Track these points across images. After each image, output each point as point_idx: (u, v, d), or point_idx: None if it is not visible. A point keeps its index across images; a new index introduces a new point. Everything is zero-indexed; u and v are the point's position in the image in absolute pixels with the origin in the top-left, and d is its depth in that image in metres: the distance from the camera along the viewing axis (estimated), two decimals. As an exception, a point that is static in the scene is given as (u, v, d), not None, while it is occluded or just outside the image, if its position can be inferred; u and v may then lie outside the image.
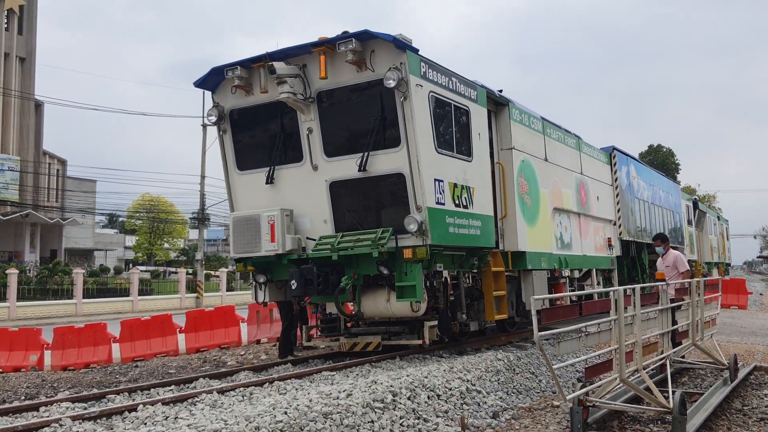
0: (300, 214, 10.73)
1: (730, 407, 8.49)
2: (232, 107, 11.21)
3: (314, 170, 10.60)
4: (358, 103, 10.39)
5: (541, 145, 13.59)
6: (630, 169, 19.31)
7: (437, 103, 10.28)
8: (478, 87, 11.65)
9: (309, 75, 10.36)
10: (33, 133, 50.49)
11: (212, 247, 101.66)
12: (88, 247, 62.08)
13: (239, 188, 11.45)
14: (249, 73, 10.81)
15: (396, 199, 10.08)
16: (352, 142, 10.45)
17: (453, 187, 10.44)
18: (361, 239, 9.95)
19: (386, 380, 8.35)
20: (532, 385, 10.02)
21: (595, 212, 16.08)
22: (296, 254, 10.67)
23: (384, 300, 10.40)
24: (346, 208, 10.50)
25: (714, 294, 11.20)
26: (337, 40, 9.85)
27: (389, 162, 9.99)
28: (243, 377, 10.29)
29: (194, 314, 16.31)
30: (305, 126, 10.56)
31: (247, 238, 10.72)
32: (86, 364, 14.24)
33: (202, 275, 42.64)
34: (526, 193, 12.60)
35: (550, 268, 13.40)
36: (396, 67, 9.59)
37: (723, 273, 37.19)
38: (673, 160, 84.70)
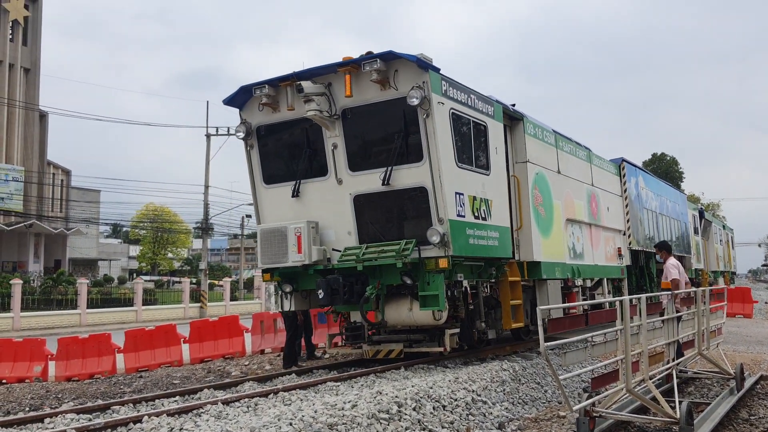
0: (325, 226, 11.09)
1: (737, 417, 8.44)
2: (259, 124, 11.64)
3: (339, 184, 10.98)
4: (381, 120, 10.76)
5: (554, 158, 13.91)
6: (638, 179, 19.65)
7: (457, 120, 10.65)
8: (494, 103, 11.98)
9: (334, 93, 10.78)
10: (37, 144, 50.64)
11: (216, 256, 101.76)
12: (92, 257, 62.16)
13: (266, 201, 11.80)
14: (276, 91, 11.23)
15: (418, 211, 10.44)
16: (375, 157, 10.82)
17: (472, 200, 10.80)
18: (385, 250, 10.32)
19: (391, 391, 8.32)
20: (538, 396, 9.98)
21: (605, 223, 16.44)
22: (322, 265, 10.99)
23: (407, 309, 10.73)
24: (370, 220, 10.88)
25: (720, 303, 11.16)
26: (362, 60, 10.25)
27: (412, 176, 10.35)
28: (248, 388, 10.27)
29: (198, 324, 16.31)
30: (330, 141, 10.96)
31: (275, 249, 11.04)
32: (90, 375, 14.22)
33: (205, 285, 42.63)
34: (541, 205, 12.93)
35: (563, 278, 13.68)
36: (419, 86, 9.98)
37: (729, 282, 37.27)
38: (677, 168, 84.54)
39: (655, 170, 79.71)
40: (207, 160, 42.14)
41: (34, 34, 51.26)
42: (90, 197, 56.27)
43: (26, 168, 49.18)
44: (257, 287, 47.23)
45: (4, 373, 14.67)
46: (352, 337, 11.92)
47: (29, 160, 49.72)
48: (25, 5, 50.38)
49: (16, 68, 49.47)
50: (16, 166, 48.75)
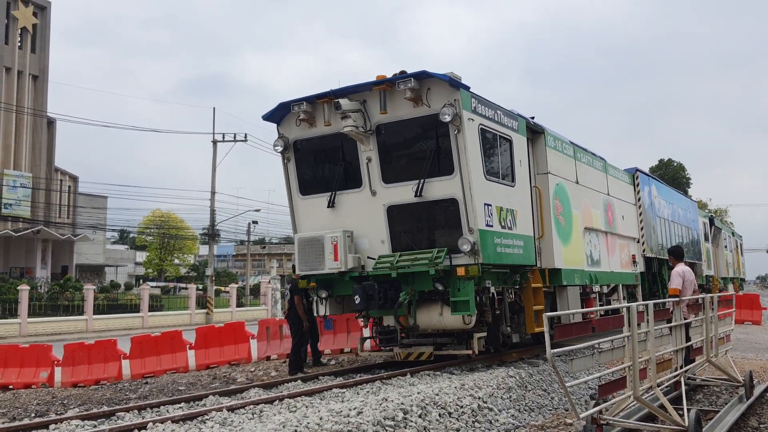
0: (359, 235, 11.62)
1: (746, 425, 8.35)
2: (296, 138, 12.18)
3: (373, 195, 11.52)
4: (414, 135, 11.33)
5: (572, 169, 14.44)
6: (651, 188, 20.08)
7: (485, 135, 11.20)
8: (518, 117, 12.51)
9: (369, 109, 11.35)
10: (45, 150, 50.87)
11: (222, 262, 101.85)
12: (99, 263, 62.33)
13: (302, 211, 12.35)
14: (313, 108, 11.78)
15: (449, 221, 10.93)
16: (407, 170, 11.30)
17: (499, 210, 11.31)
18: (418, 258, 10.83)
19: (397, 398, 8.29)
20: (545, 403, 9.92)
21: (620, 231, 16.94)
22: (357, 272, 11.52)
23: (437, 313, 11.21)
24: (402, 229, 11.39)
25: (728, 310, 11.08)
26: (397, 79, 10.83)
27: (443, 188, 10.88)
28: (253, 394, 10.25)
29: (204, 330, 16.30)
30: (365, 155, 11.51)
31: (312, 256, 11.59)
32: (96, 381, 14.23)
33: (212, 291, 42.68)
34: (561, 214, 13.43)
35: (582, 284, 14.12)
36: (451, 104, 10.51)
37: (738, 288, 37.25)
38: (684, 174, 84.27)
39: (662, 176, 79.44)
40: (213, 166, 42.24)
41: (43, 42, 51.55)
42: (97, 203, 56.46)
43: (34, 174, 49.39)
44: (263, 293, 47.23)
45: (11, 378, 14.69)
46: (386, 341, 12.29)
47: (37, 167, 49.95)
48: (33, 13, 50.70)
49: (25, 75, 49.75)
50: (24, 172, 48.97)
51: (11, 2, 49.18)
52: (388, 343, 12.29)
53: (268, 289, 46.40)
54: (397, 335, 12.09)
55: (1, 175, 46.92)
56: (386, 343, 12.32)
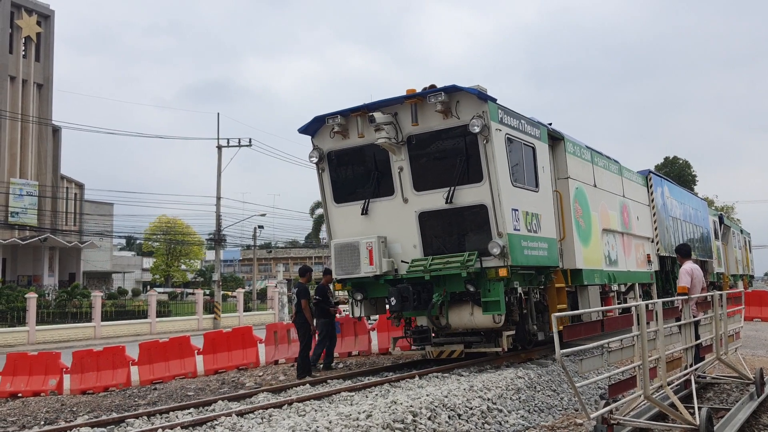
0: (392, 240, 12.14)
1: (758, 423, 8.30)
2: (330, 149, 12.69)
3: (405, 203, 12.04)
4: (444, 145, 11.82)
5: (590, 173, 14.96)
6: (664, 189, 20.65)
7: (511, 143, 11.71)
8: (540, 126, 13.00)
9: (400, 121, 11.90)
10: (51, 158, 51.06)
11: (229, 267, 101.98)
12: (106, 269, 62.49)
13: (336, 218, 12.90)
14: (346, 121, 12.32)
15: (478, 226, 11.41)
16: (438, 178, 11.76)
17: (525, 215, 11.82)
18: (450, 261, 11.30)
19: (406, 400, 8.27)
20: (554, 403, 9.88)
21: (636, 231, 17.46)
22: (391, 275, 12.03)
23: (468, 313, 11.69)
24: (433, 234, 11.90)
25: (737, 307, 11.02)
26: (427, 93, 11.35)
27: (473, 195, 11.39)
28: (262, 399, 10.23)
29: (212, 335, 16.31)
30: (396, 165, 12.05)
31: (348, 261, 12.11)
32: (105, 388, 14.25)
33: (219, 296, 42.72)
34: (581, 217, 13.95)
35: (601, 284, 14.61)
36: (479, 115, 11.04)
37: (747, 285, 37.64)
38: (690, 171, 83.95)
39: (668, 174, 79.18)
40: (218, 171, 42.34)
41: (47, 50, 51.77)
42: (103, 210, 56.65)
43: (40, 182, 49.57)
44: (270, 298, 47.25)
45: (20, 386, 14.73)
46: (419, 340, 12.65)
47: (43, 175, 50.13)
48: (37, 22, 50.93)
49: (30, 84, 49.97)
50: (30, 180, 49.15)
51: (15, 11, 49.40)
52: (421, 342, 12.66)
53: (275, 293, 46.40)
54: (430, 334, 12.45)
55: (7, 183, 47.09)
56: (420, 342, 12.68)
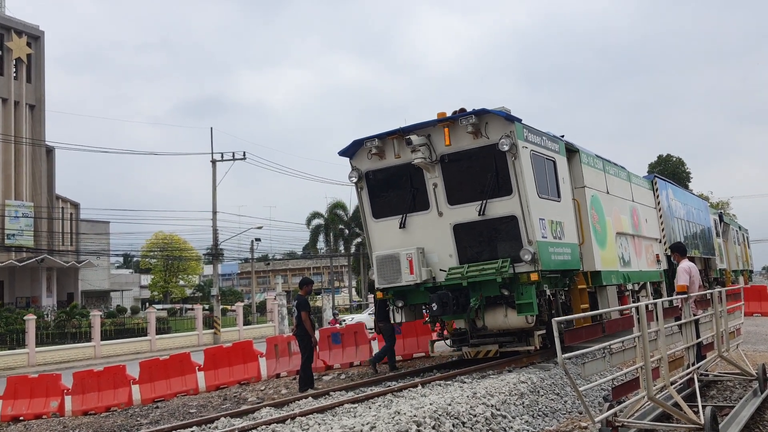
0: (429, 250, 12.99)
1: (763, 419, 8.29)
2: (368, 169, 13.64)
3: (440, 216, 12.92)
4: (475, 163, 12.67)
5: (603, 181, 15.98)
6: (668, 192, 21.78)
7: (535, 159, 12.66)
8: (559, 141, 14.01)
9: (433, 142, 12.83)
10: (45, 179, 50.96)
11: (227, 281, 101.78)
12: (105, 288, 62.25)
13: (375, 232, 13.78)
14: (383, 143, 13.26)
15: (510, 235, 12.33)
16: (470, 192, 12.67)
17: (551, 223, 12.79)
18: (485, 268, 12.17)
19: (409, 410, 8.23)
20: (558, 407, 9.85)
21: (645, 233, 18.49)
22: (429, 283, 12.85)
23: (502, 315, 12.55)
24: (467, 244, 12.77)
25: (737, 303, 11.02)
26: (459, 117, 12.38)
27: (503, 207, 12.33)
28: (264, 414, 10.18)
29: (212, 351, 16.26)
30: (431, 182, 12.96)
31: (390, 271, 12.93)
32: (107, 408, 14.19)
33: (218, 311, 42.63)
34: (597, 222, 14.89)
35: (618, 283, 15.59)
36: (507, 135, 12.02)
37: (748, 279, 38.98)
38: (684, 169, 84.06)
39: (662, 172, 79.18)
40: (214, 185, 42.32)
41: (38, 71, 51.75)
42: (99, 229, 56.46)
43: (35, 203, 49.46)
44: (270, 310, 47.16)
45: (21, 410, 14.66)
46: (458, 341, 13.56)
47: (38, 196, 50.02)
48: (27, 43, 50.92)
49: (22, 105, 49.90)
50: (25, 202, 49.03)
51: (5, 33, 49.39)
52: (460, 343, 13.58)
53: (275, 305, 46.33)
54: (468, 336, 13.28)
55: (2, 205, 46.98)
56: (458, 343, 13.61)
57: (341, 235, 65.47)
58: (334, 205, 64.34)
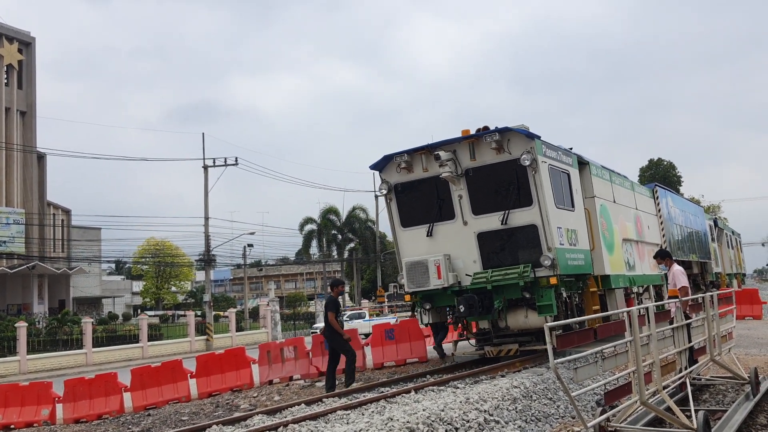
0: (454, 257, 13.84)
1: (755, 423, 8.31)
2: (396, 182, 14.52)
3: (464, 225, 13.80)
4: (497, 176, 13.51)
5: (610, 191, 17.02)
6: (668, 200, 22.94)
7: (553, 172, 13.59)
8: (572, 155, 15.02)
9: (459, 157, 13.74)
10: (36, 185, 50.79)
11: (220, 287, 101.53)
12: (96, 295, 62.03)
13: (404, 240, 14.64)
14: (411, 158, 14.17)
15: (530, 243, 13.18)
16: (493, 203, 13.55)
17: (567, 231, 13.71)
18: (508, 273, 13.03)
19: (402, 416, 8.21)
20: (551, 412, 9.84)
21: (648, 239, 19.56)
22: (456, 287, 13.64)
23: (523, 316, 13.39)
24: (491, 251, 13.60)
25: (729, 307, 11.05)
26: (483, 134, 13.32)
27: (524, 217, 13.21)
28: (257, 421, 10.13)
29: (204, 358, 16.18)
30: (456, 193, 13.86)
31: (419, 276, 13.78)
32: (98, 415, 14.11)
33: (210, 317, 42.48)
34: (606, 230, 15.86)
35: (625, 287, 16.46)
36: (528, 151, 12.92)
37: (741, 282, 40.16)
38: (675, 173, 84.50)
39: (653, 176, 79.58)
40: (206, 191, 42.23)
41: (29, 78, 51.64)
42: (91, 235, 56.26)
43: (26, 210, 49.28)
44: (263, 316, 47.04)
45: (12, 418, 14.56)
46: (482, 341, 14.59)
47: (29, 202, 49.84)
48: (18, 49, 50.82)
49: (13, 111, 49.77)
50: (17, 208, 48.85)
51: (-5, 40, 49.25)
52: (484, 342, 14.50)
53: (267, 311, 46.21)
54: (492, 336, 14.19)
55: (-7, 212, 46.76)
56: (482, 342, 14.57)
57: (334, 240, 65.35)
58: (327, 210, 64.23)
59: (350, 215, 64.67)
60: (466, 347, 16.25)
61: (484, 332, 14.47)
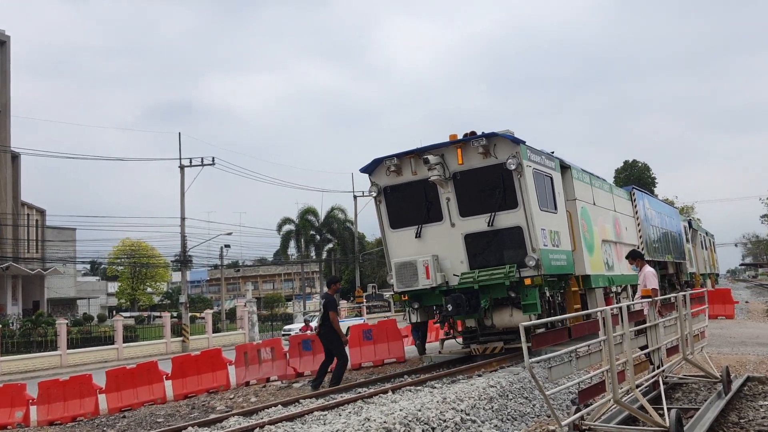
0: (442, 257, 14.21)
1: (727, 421, 8.42)
2: (386, 185, 14.86)
3: (452, 226, 14.16)
4: (484, 180, 13.86)
5: (590, 194, 17.46)
6: (644, 202, 23.50)
7: (537, 176, 14.01)
8: (554, 159, 15.45)
9: (447, 161, 14.10)
10: (11, 185, 50.05)
11: (196, 288, 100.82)
12: (71, 296, 61.33)
13: (393, 241, 15.00)
14: (400, 161, 14.51)
15: (515, 244, 13.60)
16: (480, 206, 13.91)
17: (550, 233, 14.10)
18: (494, 273, 13.44)
19: (379, 416, 8.23)
20: (527, 411, 9.92)
21: (625, 240, 20.10)
22: (444, 286, 13.99)
23: (508, 315, 13.75)
24: (477, 251, 13.98)
25: (701, 306, 11.20)
26: (470, 139, 13.67)
27: (510, 219, 13.62)
28: (233, 423, 10.10)
29: (180, 359, 16.08)
30: (444, 196, 14.21)
31: (408, 276, 14.14)
32: (73, 418, 13.97)
33: (187, 318, 42.17)
34: (586, 231, 16.30)
35: (604, 286, 16.95)
36: (514, 155, 13.33)
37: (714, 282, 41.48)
38: (649, 174, 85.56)
39: (628, 177, 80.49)
40: (182, 191, 41.95)
41: (3, 76, 50.88)
42: (65, 236, 55.60)
43: (0, 210, 48.54)
44: (240, 317, 46.79)
45: (-16, 421, 14.35)
46: (468, 338, 14.98)
47: (3, 202, 49.12)
48: (-9, 47, 50.05)
49: (-15, 111, 49.00)
50: (-11, 208, 48.10)
51: (-32, 38, 48.51)
52: (470, 340, 14.89)
53: (245, 312, 45.99)
54: (478, 333, 14.56)
55: (-35, 212, 46.04)
56: (469, 341, 14.94)
57: (312, 240, 65.19)
58: (305, 210, 64.06)
59: (329, 216, 64.58)
60: (453, 345, 16.36)
61: (470, 330, 14.84)
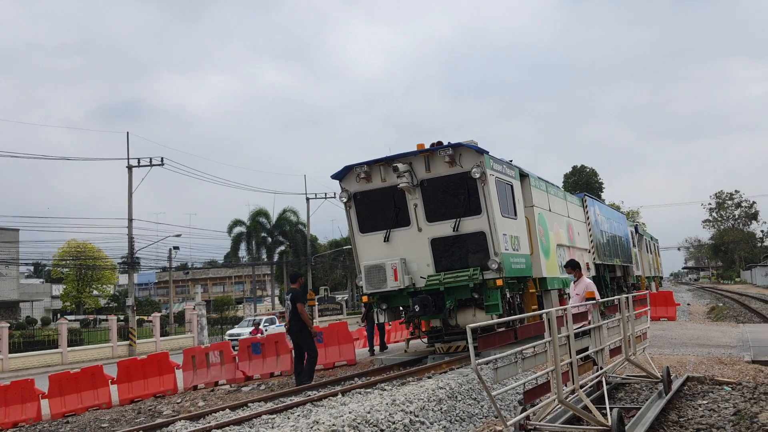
0: (409, 260, 14.89)
1: (667, 420, 8.67)
2: (356, 191, 15.45)
3: (419, 231, 14.85)
4: (450, 187, 14.63)
5: (546, 201, 18.33)
6: (595, 208, 24.68)
7: (499, 184, 14.77)
8: (514, 168, 16.34)
9: (415, 169, 14.80)
10: (-52, 184, 48.44)
11: (144, 291, 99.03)
12: (13, 298, 59.54)
13: (362, 245, 15.56)
14: (370, 168, 15.14)
15: (479, 248, 14.35)
16: (446, 211, 14.65)
17: (511, 238, 14.88)
18: (459, 276, 14.21)
19: (328, 419, 8.23)
20: (475, 412, 10.02)
21: (578, 244, 21.14)
22: (411, 288, 14.68)
23: (471, 315, 14.52)
24: (443, 255, 14.69)
25: (644, 308, 11.50)
26: (437, 149, 14.44)
27: (474, 224, 14.40)
28: (179, 427, 9.96)
29: (126, 363, 15.79)
30: (412, 202, 14.92)
31: (376, 278, 14.73)
32: (14, 423, 13.62)
33: (134, 321, 41.38)
34: (543, 236, 17.13)
35: (559, 288, 17.76)
36: (478, 165, 14.12)
37: (659, 285, 42.94)
38: (597, 179, 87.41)
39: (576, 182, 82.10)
40: (130, 192, 41.16)
41: (-59, 71, 49.25)
42: (8, 237, 53.96)
43: (-63, 210, 46.93)
44: (189, 320, 46.12)
45: None
46: (434, 338, 15.67)
47: (-60, 202, 47.51)
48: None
49: None
50: (-74, 208, 46.49)
51: None
52: (435, 339, 15.57)
53: (194, 315, 45.35)
54: (443, 333, 15.21)
55: None
56: (434, 339, 15.65)
57: (264, 243, 64.68)
58: (257, 212, 63.55)
59: (281, 218, 64.19)
60: (418, 345, 17.01)
61: (435, 330, 15.54)
